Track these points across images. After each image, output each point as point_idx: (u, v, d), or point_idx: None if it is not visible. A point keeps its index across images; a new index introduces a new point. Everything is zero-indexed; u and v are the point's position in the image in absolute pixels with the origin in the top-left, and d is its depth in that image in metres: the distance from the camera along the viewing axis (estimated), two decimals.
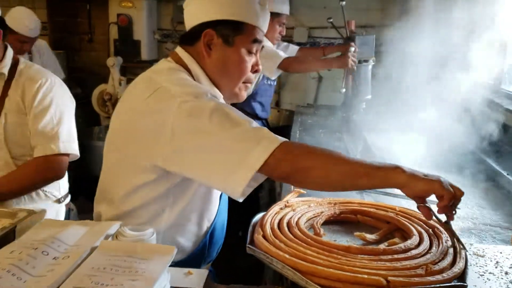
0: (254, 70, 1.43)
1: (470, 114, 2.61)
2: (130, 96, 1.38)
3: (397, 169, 1.10)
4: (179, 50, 1.42)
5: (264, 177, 1.20)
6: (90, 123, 4.20)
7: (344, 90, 3.25)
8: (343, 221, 1.40)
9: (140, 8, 4.46)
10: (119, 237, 1.11)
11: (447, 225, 1.23)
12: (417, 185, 1.09)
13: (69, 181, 2.14)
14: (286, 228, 1.23)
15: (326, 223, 1.36)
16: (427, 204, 1.16)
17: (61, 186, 2.07)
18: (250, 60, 1.39)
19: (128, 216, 1.35)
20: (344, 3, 3.69)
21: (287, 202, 1.40)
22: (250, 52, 1.39)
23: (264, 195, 4.16)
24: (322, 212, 1.36)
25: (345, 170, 1.14)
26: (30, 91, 1.88)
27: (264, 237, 1.19)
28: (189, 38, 1.39)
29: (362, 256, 1.08)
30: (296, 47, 3.44)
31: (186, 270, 1.15)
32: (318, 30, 4.37)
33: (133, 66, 4.69)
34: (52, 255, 1.00)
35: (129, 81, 4.48)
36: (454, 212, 1.16)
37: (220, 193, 1.47)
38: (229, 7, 1.33)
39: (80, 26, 4.98)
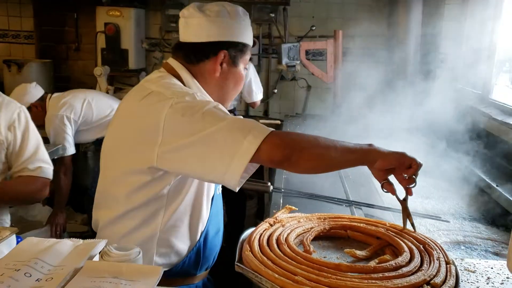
0: None
1: (458, 124, 2.63)
2: (124, 104, 1.46)
3: (371, 146, 1.25)
4: (170, 61, 1.49)
5: (255, 168, 1.31)
6: None
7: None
8: (333, 236, 1.38)
9: (128, 17, 4.41)
10: (104, 257, 1.08)
11: (405, 202, 1.32)
12: (389, 156, 1.23)
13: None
14: (275, 245, 1.20)
15: (316, 238, 1.34)
16: (389, 181, 1.28)
17: None
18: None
19: (124, 218, 1.40)
20: (273, 15, 4.26)
21: (276, 218, 1.38)
22: (245, 69, 1.52)
23: (252, 204, 4.14)
24: (312, 228, 1.35)
25: (334, 150, 1.23)
26: None
27: (253, 253, 1.17)
28: (196, 54, 1.45)
29: (352, 274, 1.07)
30: None
31: None
32: (306, 39, 4.37)
33: (121, 75, 4.65)
34: (35, 276, 0.97)
35: (116, 90, 4.44)
36: (414, 184, 1.26)
37: (211, 197, 1.49)
38: (237, 30, 1.44)
39: (67, 35, 4.92)
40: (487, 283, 1.22)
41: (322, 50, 4.43)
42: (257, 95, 4.03)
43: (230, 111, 3.73)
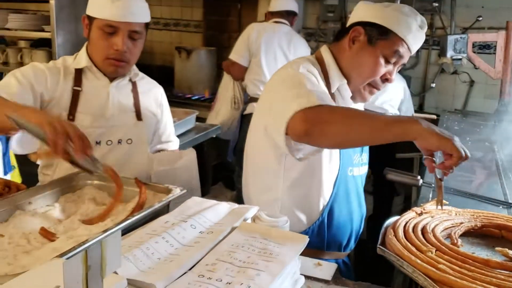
0: (385, 78, 1.52)
1: None
2: None
3: (414, 121, 1.16)
4: (322, 47, 1.60)
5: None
6: None
7: None
8: (485, 235, 1.31)
9: None
10: (256, 221, 1.19)
11: (440, 181, 1.27)
12: (431, 138, 1.14)
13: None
14: (420, 233, 1.19)
15: (465, 234, 1.29)
16: (433, 158, 1.22)
17: None
18: (384, 67, 1.49)
19: (253, 176, 1.62)
20: (436, 4, 4.00)
21: (424, 209, 1.36)
22: (387, 61, 1.49)
23: (399, 201, 4.03)
24: (462, 223, 1.29)
25: (364, 124, 1.22)
26: None
27: (396, 238, 1.18)
28: (341, 33, 1.57)
29: (500, 271, 1.01)
30: None
31: (316, 261, 1.19)
32: (473, 30, 4.07)
33: None
34: (198, 229, 1.12)
35: None
36: (452, 170, 1.20)
37: (335, 175, 1.55)
38: (383, 14, 1.47)
39: (230, 25, 5.26)
40: None
41: (490, 43, 4.07)
42: None
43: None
